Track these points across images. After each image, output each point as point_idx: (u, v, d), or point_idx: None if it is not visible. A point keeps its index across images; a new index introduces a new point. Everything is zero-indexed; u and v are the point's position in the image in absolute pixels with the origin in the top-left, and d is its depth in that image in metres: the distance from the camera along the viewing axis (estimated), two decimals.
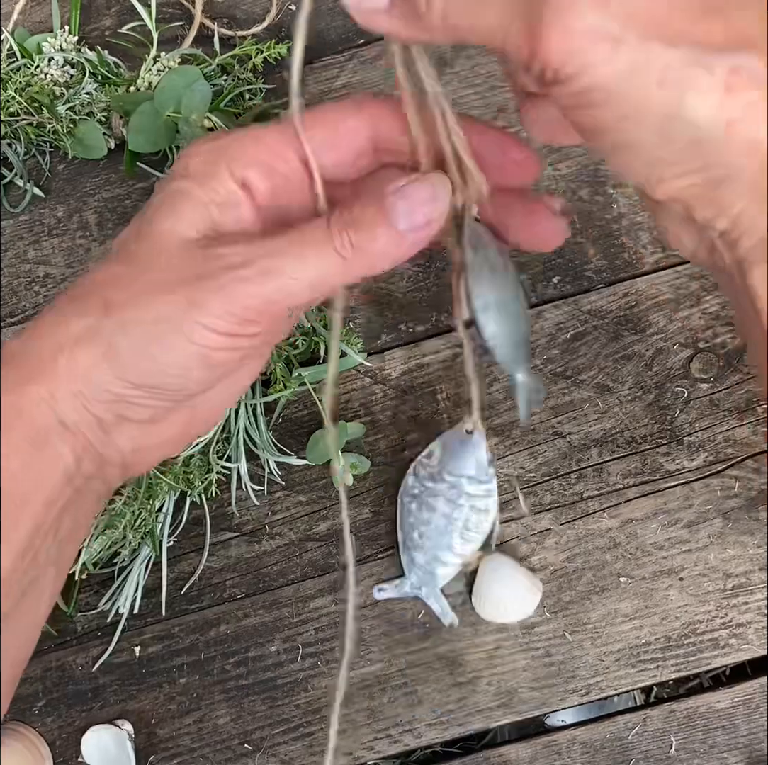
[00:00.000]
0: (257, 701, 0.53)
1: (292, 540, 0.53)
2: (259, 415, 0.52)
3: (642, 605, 0.52)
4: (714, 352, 0.53)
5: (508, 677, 0.52)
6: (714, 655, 0.51)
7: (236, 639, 0.53)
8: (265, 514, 0.54)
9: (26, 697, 0.53)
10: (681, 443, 0.53)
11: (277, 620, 0.53)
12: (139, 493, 0.49)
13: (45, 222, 0.57)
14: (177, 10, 0.58)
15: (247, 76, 0.55)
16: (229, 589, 0.53)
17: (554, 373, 0.53)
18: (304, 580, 0.53)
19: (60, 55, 0.55)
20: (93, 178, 0.57)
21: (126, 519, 0.50)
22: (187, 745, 0.53)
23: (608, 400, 0.53)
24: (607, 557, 0.52)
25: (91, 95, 0.54)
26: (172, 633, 0.53)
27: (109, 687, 0.53)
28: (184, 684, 0.53)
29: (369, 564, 0.53)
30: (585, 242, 0.54)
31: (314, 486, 0.54)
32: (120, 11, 0.58)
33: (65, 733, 0.53)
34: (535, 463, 0.53)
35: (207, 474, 0.51)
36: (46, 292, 0.56)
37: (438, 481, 0.51)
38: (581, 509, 0.52)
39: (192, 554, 0.54)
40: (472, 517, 0.51)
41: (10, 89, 0.54)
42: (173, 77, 0.52)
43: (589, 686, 0.51)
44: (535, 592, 0.51)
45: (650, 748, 0.51)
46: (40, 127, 0.54)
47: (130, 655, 0.53)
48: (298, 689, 0.53)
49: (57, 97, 0.54)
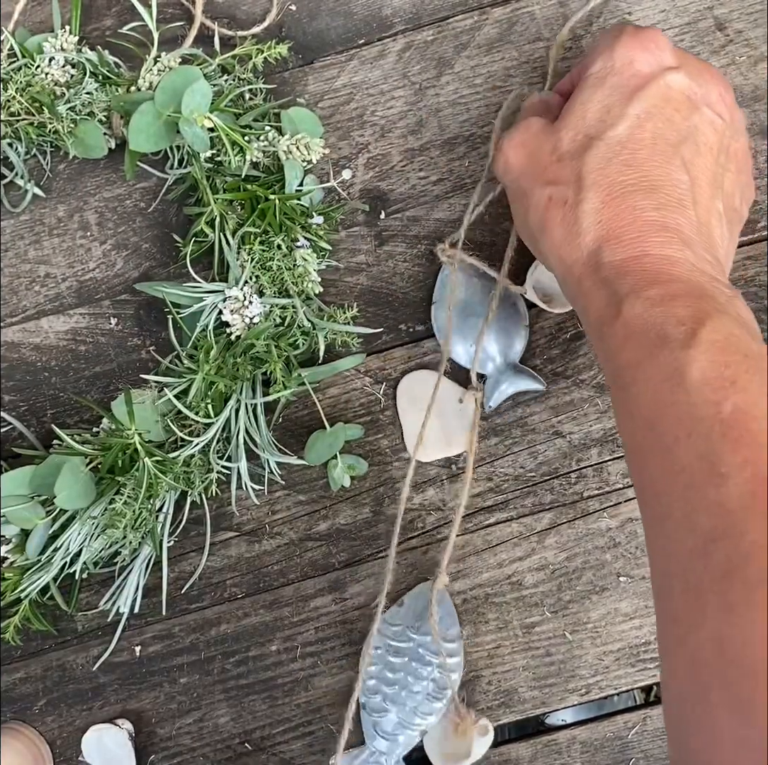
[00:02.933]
0: (257, 701, 0.53)
1: (293, 539, 0.53)
2: (259, 415, 0.52)
3: (642, 605, 0.52)
4: None
5: (508, 677, 0.52)
6: None
7: (236, 638, 0.53)
8: (265, 514, 0.54)
9: (26, 697, 0.54)
10: None
11: (277, 620, 0.53)
12: (139, 493, 0.49)
13: (45, 222, 0.57)
14: (177, 10, 0.58)
15: (248, 76, 0.55)
16: (229, 589, 0.53)
17: (554, 373, 0.53)
18: (304, 580, 0.53)
19: (61, 55, 0.55)
20: (93, 178, 0.57)
21: (126, 519, 0.50)
22: (188, 744, 0.53)
23: (608, 400, 0.53)
24: (607, 557, 0.52)
25: (92, 95, 0.54)
26: (172, 632, 0.53)
27: (110, 686, 0.53)
28: (185, 683, 0.53)
29: (369, 563, 0.53)
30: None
31: (314, 485, 0.54)
32: (120, 11, 0.58)
33: (65, 732, 0.53)
34: (535, 462, 0.53)
35: (207, 474, 0.51)
36: (46, 292, 0.56)
37: (403, 639, 0.50)
38: (581, 509, 0.52)
39: (192, 554, 0.54)
40: (440, 676, 0.50)
41: (11, 89, 0.54)
42: (174, 77, 0.52)
43: (589, 685, 0.51)
44: None
45: (650, 747, 0.51)
46: (40, 126, 0.54)
47: (131, 655, 0.53)
48: (299, 689, 0.53)
49: (58, 97, 0.54)
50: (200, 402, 0.51)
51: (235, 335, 0.52)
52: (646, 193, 0.41)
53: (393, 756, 0.50)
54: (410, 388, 0.53)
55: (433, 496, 0.53)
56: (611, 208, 0.41)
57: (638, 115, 0.42)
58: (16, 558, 0.51)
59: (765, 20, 0.55)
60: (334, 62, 0.57)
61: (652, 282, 0.39)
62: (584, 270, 0.41)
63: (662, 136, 0.42)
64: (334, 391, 0.54)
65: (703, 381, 0.35)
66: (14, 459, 0.53)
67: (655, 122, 0.42)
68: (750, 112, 0.54)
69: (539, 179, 0.44)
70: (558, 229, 0.42)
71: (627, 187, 0.41)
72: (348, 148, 0.56)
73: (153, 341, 0.55)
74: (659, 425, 0.36)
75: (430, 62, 0.56)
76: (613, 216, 0.41)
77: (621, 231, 0.41)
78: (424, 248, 0.55)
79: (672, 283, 0.39)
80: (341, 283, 0.55)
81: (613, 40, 0.45)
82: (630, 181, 0.41)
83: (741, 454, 0.33)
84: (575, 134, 0.43)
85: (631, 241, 0.40)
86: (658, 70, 0.43)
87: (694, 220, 0.41)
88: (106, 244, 0.56)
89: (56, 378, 0.55)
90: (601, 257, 0.41)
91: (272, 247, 0.52)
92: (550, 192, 0.43)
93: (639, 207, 0.41)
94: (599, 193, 0.41)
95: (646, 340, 0.38)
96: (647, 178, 0.41)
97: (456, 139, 0.56)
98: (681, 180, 0.42)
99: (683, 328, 0.37)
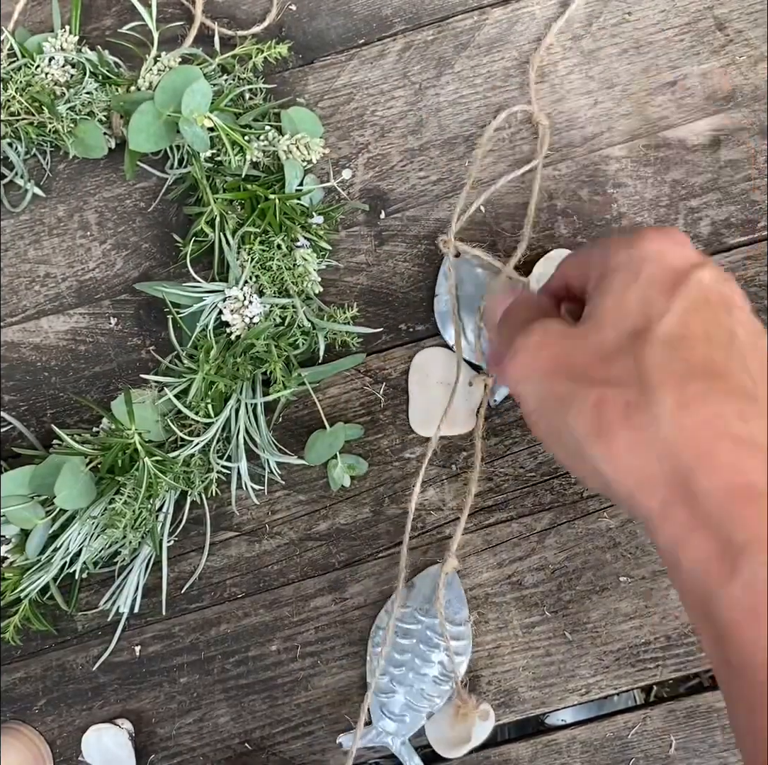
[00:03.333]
0: (257, 700, 0.53)
1: (292, 539, 0.53)
2: (259, 414, 0.52)
3: (642, 605, 0.52)
4: None
5: (508, 677, 0.52)
6: None
7: (236, 638, 0.53)
8: (265, 514, 0.54)
9: (26, 697, 0.54)
10: None
11: (277, 619, 0.53)
12: (139, 493, 0.49)
13: (45, 221, 0.57)
14: (177, 9, 0.58)
15: (248, 75, 0.55)
16: (229, 589, 0.53)
17: None
18: (304, 580, 0.53)
19: (60, 54, 0.55)
20: (93, 178, 0.57)
21: (126, 518, 0.50)
22: (188, 744, 0.53)
23: None
24: (607, 557, 0.52)
25: (92, 95, 0.54)
26: (172, 632, 0.53)
27: (110, 686, 0.53)
28: (185, 683, 0.53)
29: (369, 563, 0.53)
30: (585, 242, 0.54)
31: (314, 485, 0.54)
32: (120, 11, 0.58)
33: (65, 732, 0.53)
34: (535, 462, 0.53)
35: (207, 473, 0.51)
36: (46, 292, 0.56)
37: (411, 621, 0.51)
38: (581, 509, 0.52)
39: (192, 554, 0.54)
40: (447, 660, 0.50)
41: (11, 89, 0.54)
42: (174, 77, 0.52)
43: (589, 685, 0.51)
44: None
45: (650, 747, 0.51)
46: (40, 126, 0.54)
47: (131, 655, 0.53)
48: (298, 688, 0.53)
49: (57, 97, 0.54)
50: (200, 402, 0.51)
51: (235, 335, 0.52)
52: (724, 396, 0.35)
53: (399, 737, 0.50)
54: (424, 364, 0.54)
55: (433, 496, 0.53)
56: (690, 413, 0.34)
57: (686, 308, 0.38)
58: (16, 558, 0.51)
59: (765, 20, 0.55)
60: (334, 62, 0.57)
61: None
62: (668, 493, 0.34)
63: (713, 333, 0.37)
64: (334, 391, 0.54)
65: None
66: (14, 459, 0.53)
67: (703, 317, 0.38)
68: (750, 112, 0.54)
69: (582, 381, 0.37)
70: (623, 432, 0.35)
71: (700, 389, 0.35)
72: (348, 148, 0.56)
73: (153, 341, 0.55)
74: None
75: (430, 62, 0.56)
76: (695, 425, 0.34)
77: (711, 447, 0.34)
78: (424, 248, 0.55)
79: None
80: (341, 283, 0.55)
81: (634, 237, 0.41)
82: (700, 381, 0.35)
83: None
84: (619, 330, 0.38)
85: (730, 464, 0.34)
86: (689, 266, 0.39)
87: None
88: (105, 243, 0.56)
89: (56, 378, 0.55)
90: (694, 480, 0.33)
91: (272, 246, 0.52)
92: (601, 393, 0.36)
93: (722, 415, 0.34)
94: (671, 394, 0.35)
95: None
96: (715, 377, 0.36)
97: (456, 139, 0.56)
98: (745, 378, 0.36)
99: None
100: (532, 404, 0.40)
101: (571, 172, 0.55)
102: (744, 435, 0.34)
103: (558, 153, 0.55)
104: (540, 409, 0.40)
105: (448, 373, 0.53)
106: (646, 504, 0.35)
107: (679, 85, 0.55)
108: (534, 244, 0.54)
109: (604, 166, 0.55)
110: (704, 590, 0.32)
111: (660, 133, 0.55)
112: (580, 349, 0.38)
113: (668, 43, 0.56)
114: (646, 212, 0.54)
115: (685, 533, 0.33)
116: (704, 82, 0.55)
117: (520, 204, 0.55)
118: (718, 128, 0.55)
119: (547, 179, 0.55)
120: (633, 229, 0.44)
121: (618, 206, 0.54)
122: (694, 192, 0.54)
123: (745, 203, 0.54)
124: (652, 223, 0.54)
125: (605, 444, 0.36)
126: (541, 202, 0.55)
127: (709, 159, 0.54)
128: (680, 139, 0.55)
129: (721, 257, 0.54)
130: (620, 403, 0.36)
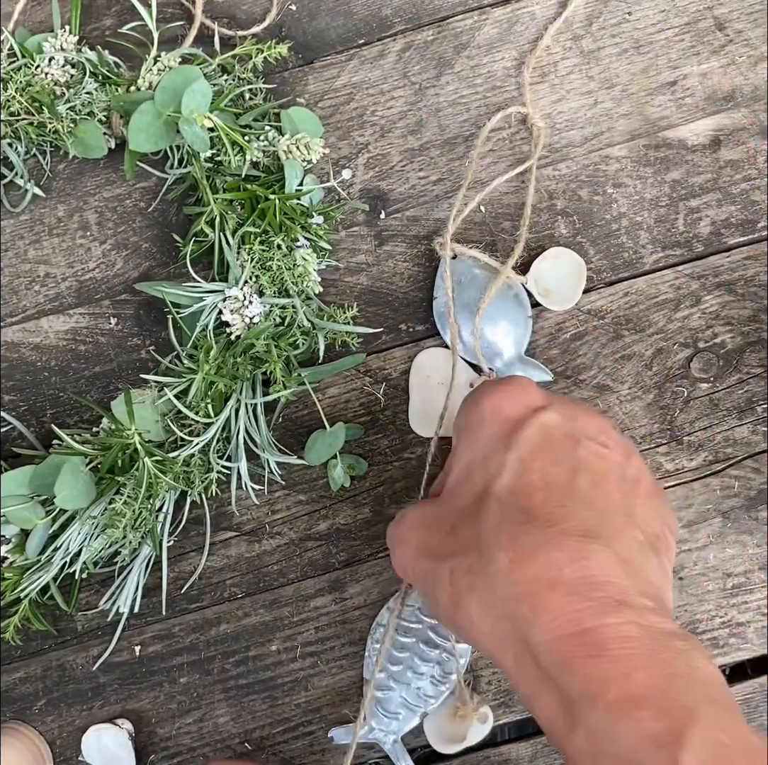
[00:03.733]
0: (257, 700, 0.53)
1: (292, 539, 0.53)
2: (259, 414, 0.52)
3: None
4: (714, 352, 0.53)
5: None
6: (714, 654, 0.51)
7: (236, 638, 0.53)
8: (265, 514, 0.54)
9: (26, 697, 0.54)
10: (681, 443, 0.53)
11: (277, 619, 0.53)
12: (139, 493, 0.49)
13: (45, 221, 0.57)
14: (177, 9, 0.58)
15: (248, 75, 0.55)
16: (229, 589, 0.53)
17: (554, 373, 0.53)
18: (304, 580, 0.53)
19: (60, 54, 0.55)
20: (93, 178, 0.57)
21: (126, 518, 0.50)
22: (188, 744, 0.53)
23: (608, 399, 0.53)
24: None
25: (92, 95, 0.54)
26: (172, 632, 0.53)
27: (110, 686, 0.53)
28: (185, 683, 0.53)
29: (369, 563, 0.53)
30: (585, 242, 0.54)
31: (314, 485, 0.54)
32: (120, 11, 0.58)
33: (65, 732, 0.53)
34: None
35: (207, 473, 0.51)
36: (46, 292, 0.56)
37: (412, 619, 0.50)
38: None
39: (192, 554, 0.54)
40: (447, 660, 0.50)
41: (11, 89, 0.54)
42: (173, 77, 0.52)
43: None
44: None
45: None
46: (40, 126, 0.54)
47: (131, 655, 0.53)
48: (298, 688, 0.53)
49: (57, 97, 0.54)
50: (200, 402, 0.51)
51: (235, 335, 0.52)
52: (556, 541, 0.35)
53: (391, 734, 0.50)
54: (424, 364, 0.53)
55: None
56: (522, 567, 0.35)
57: (521, 458, 0.38)
58: (16, 558, 0.51)
59: (765, 20, 0.55)
60: (334, 62, 0.57)
61: (604, 679, 0.32)
62: (517, 650, 0.35)
63: (553, 475, 0.38)
64: (334, 391, 0.54)
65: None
66: (14, 459, 0.53)
67: (542, 462, 0.38)
68: (750, 112, 0.54)
69: (438, 557, 0.39)
70: (472, 599, 0.37)
71: (533, 540, 0.36)
72: (348, 148, 0.56)
73: (153, 341, 0.55)
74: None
75: (430, 62, 0.56)
76: (527, 579, 0.35)
77: (542, 600, 0.34)
78: (424, 248, 0.55)
79: (628, 678, 0.32)
80: (341, 283, 0.55)
81: (477, 394, 0.42)
82: (534, 531, 0.36)
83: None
84: (467, 497, 0.39)
85: (563, 614, 0.34)
86: (529, 412, 0.40)
87: (613, 561, 0.35)
88: (105, 243, 0.56)
89: (56, 378, 0.55)
90: (531, 633, 0.34)
91: (272, 247, 0.52)
92: (452, 565, 0.38)
93: (553, 563, 0.35)
94: (505, 552, 0.36)
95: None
96: (551, 523, 0.36)
97: (456, 139, 0.56)
98: (586, 516, 0.36)
99: (664, 756, 0.30)
100: (418, 587, 0.42)
101: (571, 172, 0.55)
102: (578, 579, 0.35)
103: (558, 153, 0.55)
104: (421, 590, 0.42)
105: (449, 373, 0.53)
106: (503, 662, 0.36)
107: (679, 85, 0.55)
108: (534, 244, 0.54)
109: (604, 166, 0.55)
110: (556, 739, 0.34)
111: (660, 133, 0.55)
112: (436, 527, 0.40)
113: (668, 43, 0.56)
114: (646, 212, 0.54)
115: (536, 687, 0.35)
116: (704, 82, 0.55)
117: (519, 204, 0.55)
118: (718, 128, 0.55)
119: (547, 179, 0.55)
120: (479, 385, 0.44)
121: (618, 206, 0.54)
122: (694, 192, 0.54)
123: (745, 203, 0.54)
124: (652, 223, 0.54)
125: (462, 613, 0.37)
126: (541, 202, 0.55)
127: (709, 159, 0.55)
128: (680, 139, 0.55)
129: (721, 257, 0.54)
130: (465, 570, 0.37)
